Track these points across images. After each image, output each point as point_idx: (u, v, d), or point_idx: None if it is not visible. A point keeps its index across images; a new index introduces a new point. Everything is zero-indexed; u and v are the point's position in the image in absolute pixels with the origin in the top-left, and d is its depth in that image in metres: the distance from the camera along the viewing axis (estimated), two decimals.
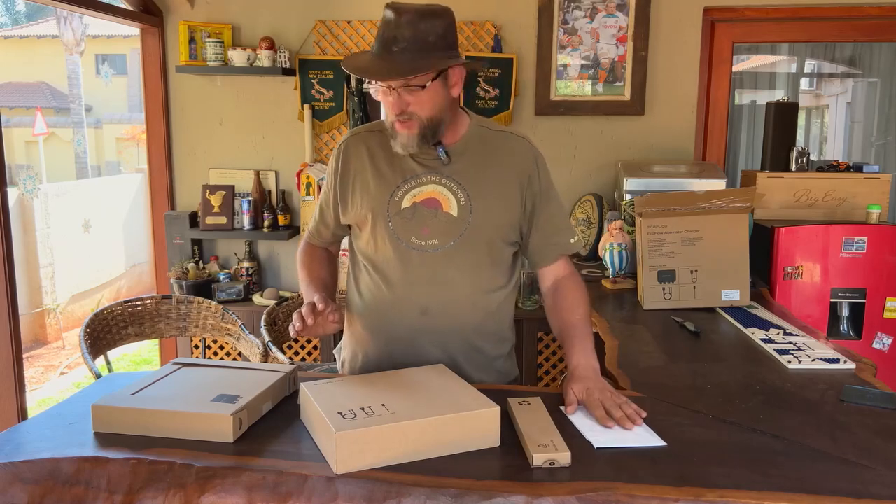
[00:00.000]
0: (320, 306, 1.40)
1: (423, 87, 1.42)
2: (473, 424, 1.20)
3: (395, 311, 1.55)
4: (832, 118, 5.43)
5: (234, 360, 3.26)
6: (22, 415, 2.60)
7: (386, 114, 1.49)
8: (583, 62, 3.25)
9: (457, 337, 1.55)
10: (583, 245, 3.07)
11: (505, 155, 1.57)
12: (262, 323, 2.32)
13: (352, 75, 3.21)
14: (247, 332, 2.43)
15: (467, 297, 1.55)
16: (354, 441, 1.12)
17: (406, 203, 1.53)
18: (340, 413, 1.18)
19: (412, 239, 1.52)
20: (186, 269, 3.32)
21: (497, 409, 1.22)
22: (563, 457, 1.14)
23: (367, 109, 3.29)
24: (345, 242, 1.76)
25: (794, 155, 3.04)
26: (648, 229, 2.25)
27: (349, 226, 1.65)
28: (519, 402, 1.34)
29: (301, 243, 1.76)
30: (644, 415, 1.32)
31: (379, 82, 1.43)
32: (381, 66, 1.40)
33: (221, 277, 3.37)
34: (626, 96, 3.25)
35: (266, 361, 2.26)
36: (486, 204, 1.53)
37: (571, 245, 1.63)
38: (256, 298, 3.36)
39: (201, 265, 3.42)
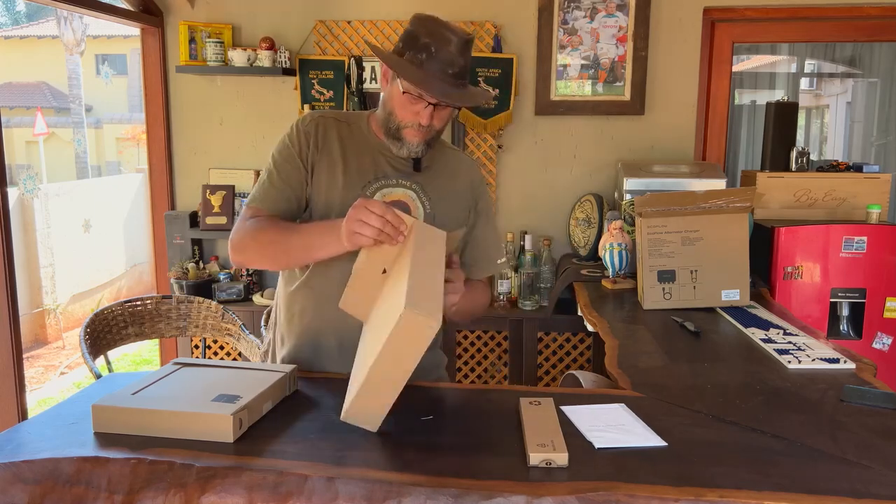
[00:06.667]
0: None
1: (458, 108, 1.55)
2: (401, 336, 1.15)
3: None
4: (832, 118, 5.44)
5: (234, 360, 3.26)
6: (22, 415, 2.60)
7: (401, 118, 1.52)
8: (583, 62, 3.25)
9: None
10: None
11: (458, 171, 1.69)
12: (263, 323, 2.32)
13: (352, 75, 3.24)
14: (247, 332, 2.43)
15: None
16: (356, 414, 1.24)
17: None
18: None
19: None
20: (186, 269, 3.32)
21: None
22: (560, 457, 1.13)
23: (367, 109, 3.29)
24: None
25: (794, 155, 3.05)
26: (648, 229, 2.25)
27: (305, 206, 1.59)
28: (529, 402, 1.34)
29: (242, 224, 1.55)
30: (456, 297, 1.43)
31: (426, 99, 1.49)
32: (448, 90, 1.47)
33: (221, 277, 3.37)
34: (626, 96, 3.25)
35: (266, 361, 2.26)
36: (446, 217, 1.61)
37: (498, 266, 1.78)
38: (256, 298, 3.37)
39: (201, 265, 3.42)
